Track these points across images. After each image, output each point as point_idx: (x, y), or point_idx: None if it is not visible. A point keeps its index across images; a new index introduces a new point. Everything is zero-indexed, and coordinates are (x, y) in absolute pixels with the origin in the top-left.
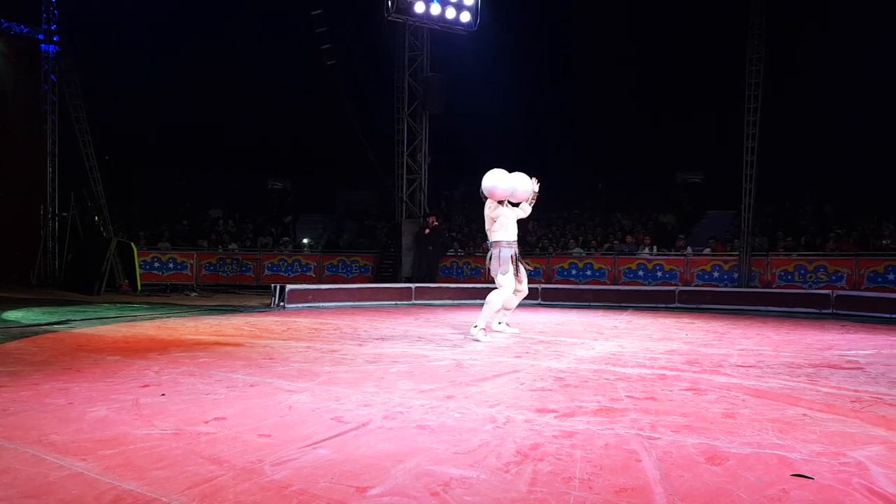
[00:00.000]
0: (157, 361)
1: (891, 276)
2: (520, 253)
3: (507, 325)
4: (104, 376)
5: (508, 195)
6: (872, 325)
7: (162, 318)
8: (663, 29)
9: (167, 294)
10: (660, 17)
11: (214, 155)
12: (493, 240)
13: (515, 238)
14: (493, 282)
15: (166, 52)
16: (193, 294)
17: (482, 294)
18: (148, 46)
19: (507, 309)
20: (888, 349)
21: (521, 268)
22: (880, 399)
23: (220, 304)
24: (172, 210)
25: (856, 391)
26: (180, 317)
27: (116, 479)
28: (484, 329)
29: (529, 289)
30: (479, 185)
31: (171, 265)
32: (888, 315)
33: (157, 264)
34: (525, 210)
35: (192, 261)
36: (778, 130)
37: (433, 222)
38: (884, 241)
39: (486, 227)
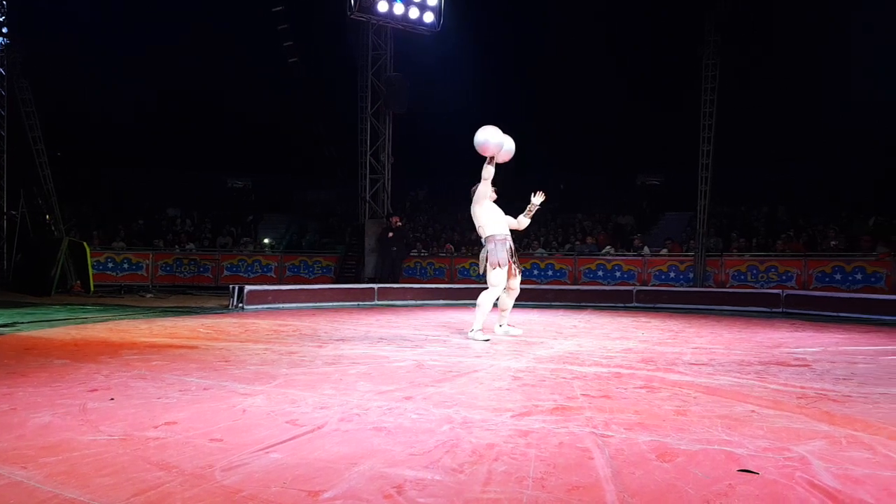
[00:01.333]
0: (107, 365)
1: (837, 276)
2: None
3: (510, 325)
4: (50, 381)
5: (498, 149)
6: (820, 324)
7: (114, 319)
8: (622, 33)
9: (121, 295)
10: (619, 20)
11: (172, 152)
12: (487, 234)
13: (508, 233)
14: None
15: (120, 47)
16: (149, 295)
17: (446, 295)
18: (100, 41)
19: (503, 310)
20: (834, 347)
21: (515, 266)
22: (825, 395)
23: (176, 305)
24: (128, 209)
25: (802, 388)
26: (134, 318)
27: (58, 488)
28: (481, 330)
29: None
30: (443, 184)
31: (125, 265)
32: (834, 314)
33: (111, 264)
34: (521, 222)
35: (147, 261)
36: (733, 135)
37: (396, 222)
38: (832, 243)
39: (475, 214)
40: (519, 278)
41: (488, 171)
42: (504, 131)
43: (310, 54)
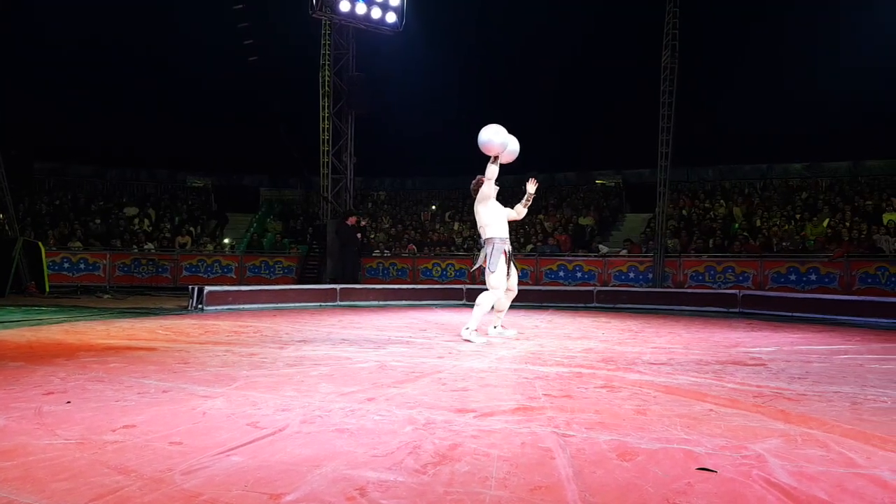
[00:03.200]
0: (63, 367)
1: (792, 277)
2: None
3: (503, 327)
4: (4, 384)
5: (501, 150)
6: (776, 323)
7: (71, 321)
8: (585, 35)
9: (77, 296)
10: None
11: (129, 150)
12: (487, 236)
13: (507, 236)
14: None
15: (75, 38)
16: (106, 296)
17: (408, 295)
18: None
19: (499, 311)
20: (789, 346)
21: (513, 267)
22: (780, 394)
23: (133, 306)
24: (84, 208)
25: (758, 386)
26: (91, 320)
27: (13, 493)
28: (476, 330)
29: (454, 289)
30: (406, 184)
31: (82, 266)
32: (790, 314)
33: (66, 265)
34: (520, 212)
35: (104, 261)
36: (691, 137)
37: (353, 222)
38: (784, 244)
39: (478, 213)
40: (516, 279)
41: (491, 171)
42: (465, 131)
43: (271, 53)
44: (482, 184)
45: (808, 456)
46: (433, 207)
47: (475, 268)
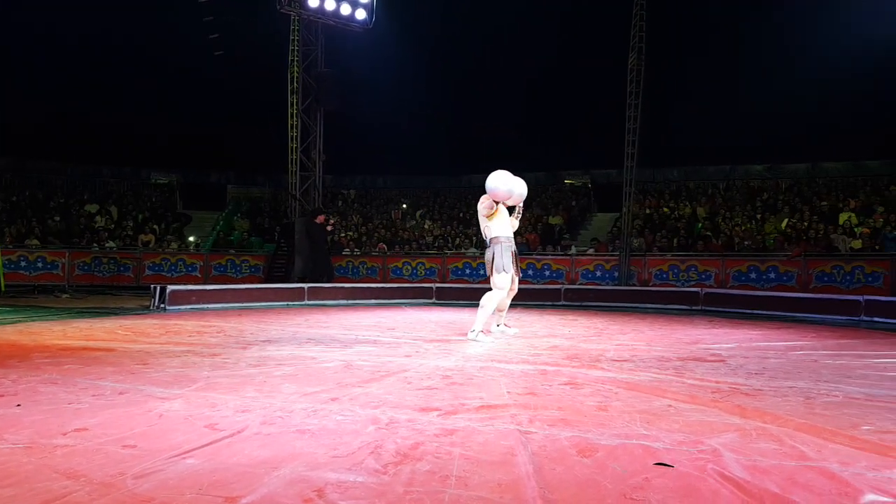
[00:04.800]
0: (15, 369)
1: (753, 275)
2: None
3: (506, 325)
4: None
5: (507, 197)
6: (736, 321)
7: (26, 321)
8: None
9: (35, 296)
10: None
11: (91, 146)
12: (492, 236)
13: (512, 235)
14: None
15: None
16: (65, 296)
17: (378, 294)
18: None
19: (500, 310)
20: (747, 343)
21: (516, 266)
22: (737, 389)
23: (93, 306)
24: (43, 204)
25: (717, 382)
26: (47, 320)
27: None
28: (482, 331)
29: (424, 288)
30: (376, 182)
31: (39, 264)
32: (750, 311)
33: (23, 263)
34: (514, 225)
35: (63, 259)
36: (657, 138)
37: (322, 220)
38: (746, 243)
39: (482, 225)
40: (517, 280)
41: (484, 208)
42: (436, 130)
43: (238, 48)
44: (484, 204)
45: (761, 450)
46: (404, 206)
47: (490, 266)
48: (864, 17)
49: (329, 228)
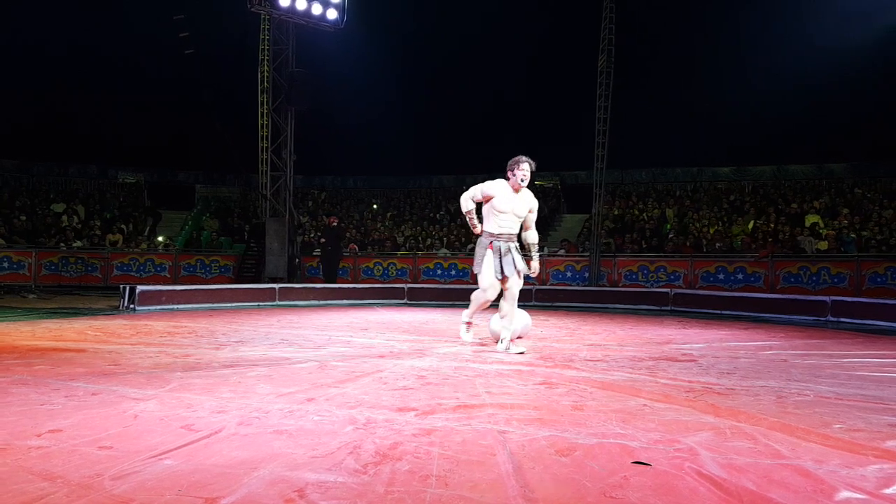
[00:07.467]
0: None
1: (721, 276)
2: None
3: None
4: None
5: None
6: (706, 321)
7: None
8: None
9: (1, 296)
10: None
11: (57, 144)
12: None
13: (506, 232)
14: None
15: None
16: (31, 296)
17: (349, 294)
18: None
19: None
20: (718, 342)
21: (503, 266)
22: (710, 388)
23: (61, 306)
24: (8, 203)
25: (689, 382)
26: (15, 321)
27: None
28: (511, 341)
29: (395, 289)
30: (346, 182)
31: (5, 264)
32: (718, 311)
33: None
34: (527, 235)
35: (30, 259)
36: (627, 140)
37: (332, 222)
38: (718, 245)
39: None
40: (513, 280)
41: (465, 204)
42: (405, 132)
43: (208, 46)
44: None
45: (737, 448)
46: (374, 206)
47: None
48: (828, 25)
49: (334, 223)
